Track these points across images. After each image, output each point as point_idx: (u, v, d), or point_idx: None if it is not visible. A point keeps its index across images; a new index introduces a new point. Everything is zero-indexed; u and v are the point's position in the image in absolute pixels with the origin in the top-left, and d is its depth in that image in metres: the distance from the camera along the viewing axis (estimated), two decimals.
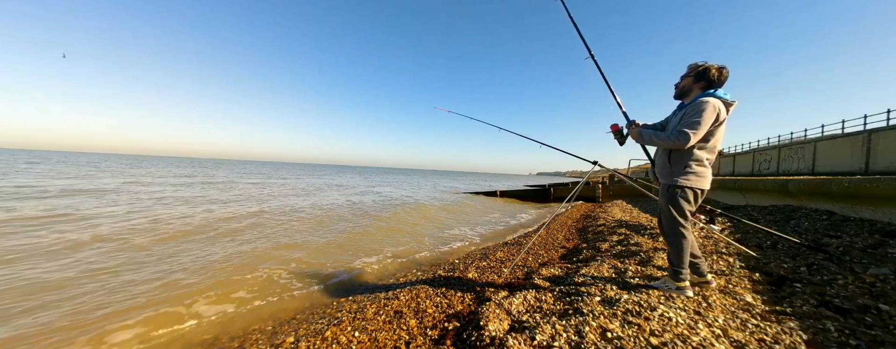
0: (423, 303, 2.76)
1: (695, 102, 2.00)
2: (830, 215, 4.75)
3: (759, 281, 2.49)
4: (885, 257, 2.80)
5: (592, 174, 4.12)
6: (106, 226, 5.82)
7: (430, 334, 2.23)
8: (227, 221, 6.90)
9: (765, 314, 1.96)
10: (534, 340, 1.76)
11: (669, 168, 2.12)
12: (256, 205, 9.68)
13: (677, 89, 2.19)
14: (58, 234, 5.08)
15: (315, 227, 6.91)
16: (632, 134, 2.32)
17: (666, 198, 2.14)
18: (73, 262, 3.94)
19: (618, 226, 5.92)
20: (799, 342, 1.65)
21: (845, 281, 2.35)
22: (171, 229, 5.83)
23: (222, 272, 3.90)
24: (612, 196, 14.83)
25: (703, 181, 2.06)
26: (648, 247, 3.75)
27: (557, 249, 4.88)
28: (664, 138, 2.06)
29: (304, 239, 5.80)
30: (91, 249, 4.47)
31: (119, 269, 3.79)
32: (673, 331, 1.72)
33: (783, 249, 3.30)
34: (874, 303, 1.98)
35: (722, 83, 2.04)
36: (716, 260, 3.03)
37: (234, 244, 5.18)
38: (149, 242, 4.96)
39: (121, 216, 6.79)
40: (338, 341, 2.21)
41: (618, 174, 4.23)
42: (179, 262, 4.14)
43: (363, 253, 5.06)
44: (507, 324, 2.08)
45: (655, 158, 2.33)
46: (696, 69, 2.06)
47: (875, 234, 3.50)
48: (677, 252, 2.15)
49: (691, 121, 1.95)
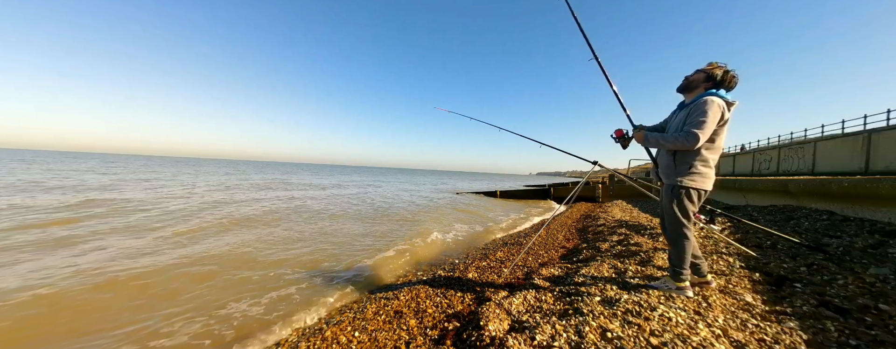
0: (423, 303, 2.76)
1: (698, 102, 1.99)
2: (830, 215, 4.76)
3: (759, 281, 2.49)
4: (885, 257, 2.81)
5: (592, 174, 4.12)
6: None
7: (430, 334, 2.23)
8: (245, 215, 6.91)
9: (765, 314, 1.96)
10: (534, 340, 1.76)
11: (674, 168, 2.11)
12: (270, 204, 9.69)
13: (685, 81, 2.15)
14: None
15: (315, 227, 6.91)
16: (637, 137, 2.29)
17: (669, 198, 2.12)
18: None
19: (618, 226, 5.92)
20: (799, 342, 1.65)
21: (845, 281, 2.36)
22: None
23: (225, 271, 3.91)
24: (612, 196, 14.84)
25: (707, 182, 2.06)
26: (648, 247, 3.75)
27: (557, 249, 4.88)
28: (672, 140, 2.04)
29: (305, 239, 5.81)
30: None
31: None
32: (673, 331, 1.72)
33: (783, 249, 3.30)
34: (874, 303, 1.98)
35: (729, 87, 2.03)
36: (716, 260, 3.03)
37: (237, 239, 5.19)
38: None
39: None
40: (338, 341, 2.21)
41: (618, 174, 4.22)
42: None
43: (363, 253, 5.06)
44: (507, 324, 2.08)
45: (658, 159, 2.32)
46: (714, 69, 2.04)
47: (875, 234, 3.50)
48: (679, 252, 2.15)
49: (698, 120, 1.93)
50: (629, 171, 15.17)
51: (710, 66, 2.06)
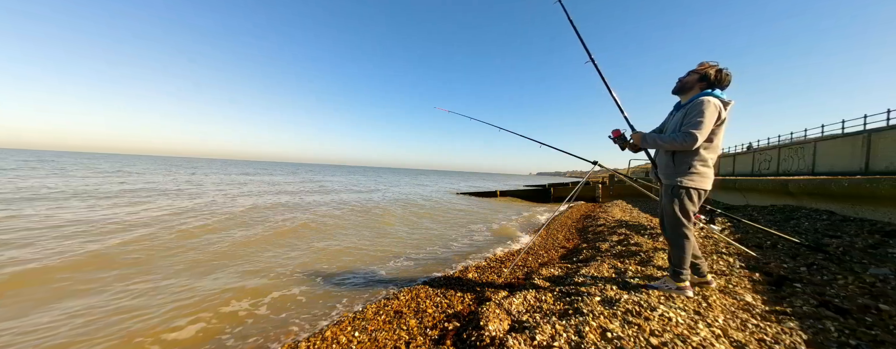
0: (423, 303, 2.76)
1: (694, 102, 1.99)
2: (830, 215, 4.76)
3: (759, 281, 2.49)
4: (885, 257, 2.80)
5: (592, 174, 4.12)
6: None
7: (430, 334, 2.24)
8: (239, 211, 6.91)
9: (765, 314, 1.96)
10: (534, 340, 1.76)
11: (673, 168, 2.10)
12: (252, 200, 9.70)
13: (679, 83, 2.16)
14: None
15: (316, 226, 6.91)
16: (635, 138, 2.30)
17: (669, 199, 2.12)
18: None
19: (618, 226, 5.92)
20: (799, 342, 1.65)
21: (845, 281, 2.36)
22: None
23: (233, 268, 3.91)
24: (612, 196, 14.83)
25: (706, 181, 2.06)
26: (648, 247, 3.75)
27: (557, 249, 4.88)
28: (670, 140, 2.04)
29: (305, 238, 5.81)
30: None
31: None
32: (673, 331, 1.72)
33: (783, 249, 3.30)
34: (874, 303, 1.98)
35: (723, 86, 2.03)
36: (716, 260, 3.03)
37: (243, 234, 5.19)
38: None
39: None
40: (338, 341, 2.21)
41: (618, 174, 4.23)
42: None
43: (363, 253, 5.06)
44: (507, 324, 2.08)
45: (657, 159, 2.32)
46: (706, 68, 2.04)
47: (875, 234, 3.50)
48: (679, 253, 2.14)
49: (695, 121, 1.93)
50: (629, 171, 15.15)
51: (701, 66, 2.06)
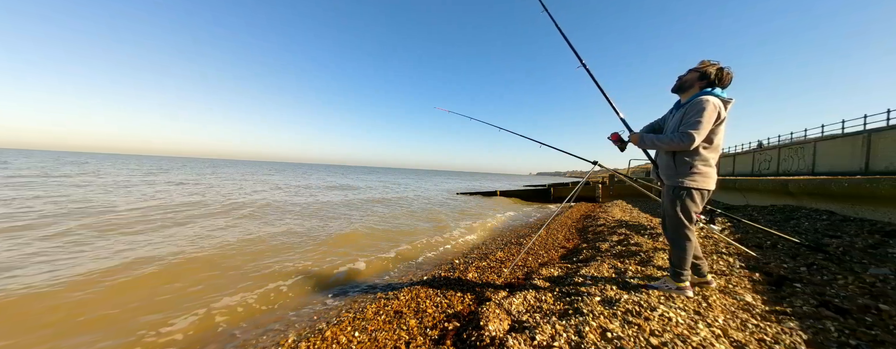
0: (423, 303, 2.76)
1: (694, 101, 1.97)
2: (830, 215, 4.75)
3: (759, 281, 2.49)
4: (885, 257, 2.80)
5: (592, 174, 4.12)
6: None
7: (430, 334, 2.23)
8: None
9: (765, 314, 1.96)
10: (534, 340, 1.76)
11: (674, 169, 2.07)
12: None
13: (679, 81, 2.14)
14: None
15: (316, 227, 6.91)
16: (633, 140, 2.28)
17: (671, 199, 2.08)
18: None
19: (618, 226, 5.91)
20: (799, 342, 1.65)
21: (845, 281, 2.35)
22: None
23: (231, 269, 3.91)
24: (612, 196, 14.83)
25: (709, 181, 2.03)
26: (648, 247, 3.75)
27: (557, 249, 4.88)
28: (668, 141, 2.02)
29: (305, 238, 5.81)
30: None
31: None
32: (673, 331, 1.72)
33: (783, 249, 3.30)
34: (874, 303, 1.98)
35: (723, 85, 2.01)
36: (716, 260, 3.03)
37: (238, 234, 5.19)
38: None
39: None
40: (338, 341, 2.20)
41: (618, 174, 4.23)
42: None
43: (363, 253, 5.06)
44: (507, 324, 2.08)
45: (657, 159, 2.29)
46: (706, 67, 2.01)
47: (875, 234, 3.49)
48: (680, 253, 2.13)
49: (693, 120, 1.91)
50: (629, 171, 15.15)
51: (702, 65, 2.04)
